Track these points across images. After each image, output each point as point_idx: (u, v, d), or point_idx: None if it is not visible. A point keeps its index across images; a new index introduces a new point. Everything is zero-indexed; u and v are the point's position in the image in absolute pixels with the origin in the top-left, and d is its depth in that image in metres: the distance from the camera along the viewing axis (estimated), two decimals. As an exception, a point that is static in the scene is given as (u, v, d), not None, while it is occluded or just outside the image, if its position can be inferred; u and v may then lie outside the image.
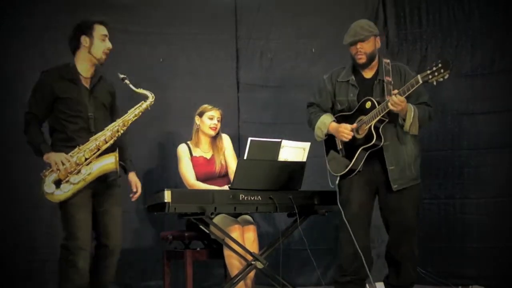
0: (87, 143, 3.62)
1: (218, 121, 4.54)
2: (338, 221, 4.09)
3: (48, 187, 3.55)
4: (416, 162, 4.00)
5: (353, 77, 4.04)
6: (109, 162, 3.61)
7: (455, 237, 5.04)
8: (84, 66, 3.73)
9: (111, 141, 3.67)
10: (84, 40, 3.68)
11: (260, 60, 5.42)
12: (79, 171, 3.57)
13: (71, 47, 3.74)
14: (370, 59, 3.96)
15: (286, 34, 5.43)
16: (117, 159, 3.62)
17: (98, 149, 3.63)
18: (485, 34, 5.04)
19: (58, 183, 3.56)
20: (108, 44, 3.73)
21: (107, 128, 3.68)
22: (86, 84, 3.75)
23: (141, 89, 3.77)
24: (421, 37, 5.28)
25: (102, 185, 3.71)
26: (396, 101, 3.72)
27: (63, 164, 3.52)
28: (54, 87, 3.65)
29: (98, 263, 3.73)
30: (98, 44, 3.69)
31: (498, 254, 4.83)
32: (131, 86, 3.73)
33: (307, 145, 4.12)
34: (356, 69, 4.06)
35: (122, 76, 3.74)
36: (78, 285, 3.57)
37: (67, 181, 3.55)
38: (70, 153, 3.58)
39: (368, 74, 4.04)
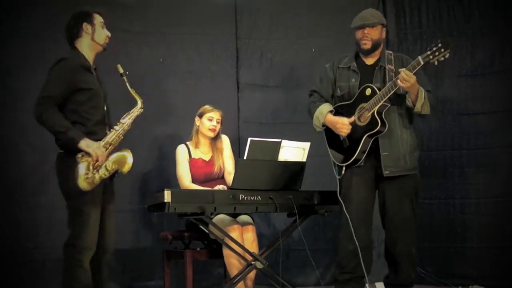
0: (111, 135, 3.51)
1: (217, 122, 4.50)
2: (338, 221, 4.09)
3: (87, 171, 3.39)
4: (412, 154, 3.97)
5: (354, 63, 4.07)
6: (128, 161, 3.52)
7: (455, 237, 5.03)
8: (88, 55, 3.63)
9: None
10: (86, 27, 3.60)
11: (260, 60, 5.41)
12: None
13: (71, 36, 3.62)
14: (374, 46, 3.99)
15: (286, 34, 5.43)
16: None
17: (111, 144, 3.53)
18: (485, 34, 5.03)
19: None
20: (107, 32, 3.67)
21: (116, 128, 3.57)
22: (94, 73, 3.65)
23: (134, 91, 3.65)
24: (421, 37, 5.26)
25: (111, 182, 3.63)
26: (404, 76, 3.70)
27: (101, 157, 3.41)
28: (77, 77, 3.49)
29: (96, 261, 3.57)
30: (100, 31, 3.63)
31: (498, 254, 4.82)
32: (127, 84, 3.62)
33: (307, 145, 4.11)
34: (358, 56, 4.09)
35: (122, 71, 3.62)
36: (85, 284, 3.47)
37: (98, 171, 3.43)
38: (102, 144, 3.46)
39: (369, 61, 4.06)
